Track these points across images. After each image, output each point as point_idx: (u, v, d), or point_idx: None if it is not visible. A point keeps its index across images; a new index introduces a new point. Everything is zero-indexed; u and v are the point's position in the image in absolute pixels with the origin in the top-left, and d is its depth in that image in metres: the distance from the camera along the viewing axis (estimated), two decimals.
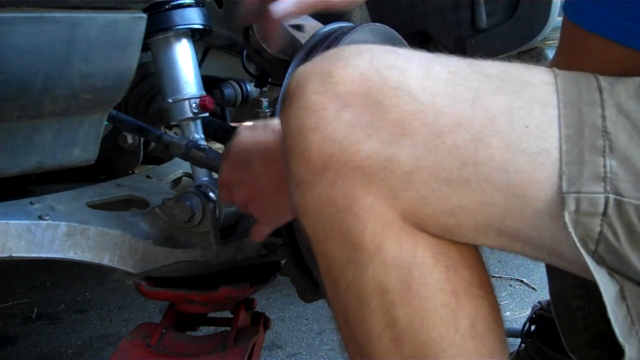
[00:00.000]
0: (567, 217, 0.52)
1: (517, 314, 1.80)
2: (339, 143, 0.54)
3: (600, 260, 0.55)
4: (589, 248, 0.54)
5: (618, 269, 0.55)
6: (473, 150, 0.53)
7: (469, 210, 0.55)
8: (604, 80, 0.55)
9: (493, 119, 0.53)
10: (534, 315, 1.36)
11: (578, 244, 0.53)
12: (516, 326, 1.46)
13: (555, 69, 0.57)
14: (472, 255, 0.59)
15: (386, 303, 0.56)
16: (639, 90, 0.53)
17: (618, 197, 0.52)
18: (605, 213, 0.52)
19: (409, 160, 0.54)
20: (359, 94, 0.54)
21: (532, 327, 1.36)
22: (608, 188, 0.52)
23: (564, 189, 0.52)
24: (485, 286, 0.59)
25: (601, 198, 0.52)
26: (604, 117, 0.52)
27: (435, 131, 0.53)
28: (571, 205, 0.52)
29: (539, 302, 1.38)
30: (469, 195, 0.54)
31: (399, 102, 0.54)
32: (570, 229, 0.52)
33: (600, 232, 0.53)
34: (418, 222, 0.56)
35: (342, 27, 1.07)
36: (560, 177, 0.52)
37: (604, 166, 0.52)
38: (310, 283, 1.05)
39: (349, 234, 0.56)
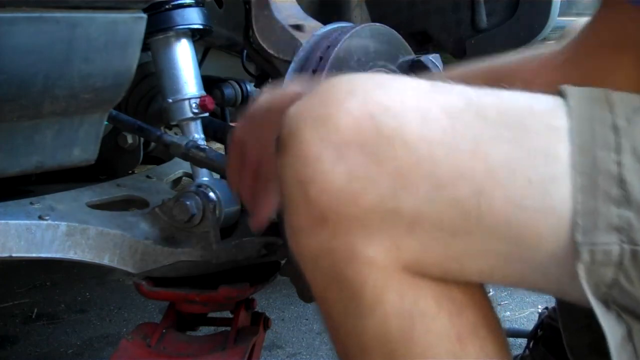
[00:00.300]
0: (580, 268, 0.51)
1: (517, 314, 1.80)
2: (337, 197, 0.53)
3: (611, 300, 0.54)
4: (601, 291, 0.53)
5: (629, 308, 0.54)
6: (475, 204, 0.52)
7: (472, 257, 0.54)
8: (620, 115, 0.53)
9: (493, 171, 0.52)
10: (541, 322, 1.36)
11: (589, 293, 0.52)
12: (516, 326, 1.46)
13: (567, 95, 0.55)
14: (476, 293, 0.58)
15: (388, 353, 0.55)
16: None
17: (634, 247, 0.51)
18: (620, 262, 0.51)
19: (410, 212, 0.52)
20: (354, 145, 0.52)
21: (539, 333, 1.36)
22: (623, 238, 0.51)
23: (579, 240, 0.51)
24: (491, 324, 0.58)
25: (616, 249, 0.51)
26: (619, 164, 0.51)
27: (435, 184, 0.52)
28: (585, 256, 0.51)
29: (546, 308, 1.38)
30: (472, 243, 0.53)
31: (395, 155, 0.52)
32: (583, 280, 0.52)
33: (614, 279, 0.52)
34: (421, 269, 0.55)
35: (342, 27, 1.07)
36: (572, 227, 0.51)
37: (619, 217, 0.50)
38: None
39: (349, 286, 0.55)
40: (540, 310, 1.52)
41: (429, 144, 0.52)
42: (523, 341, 1.39)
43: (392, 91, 0.54)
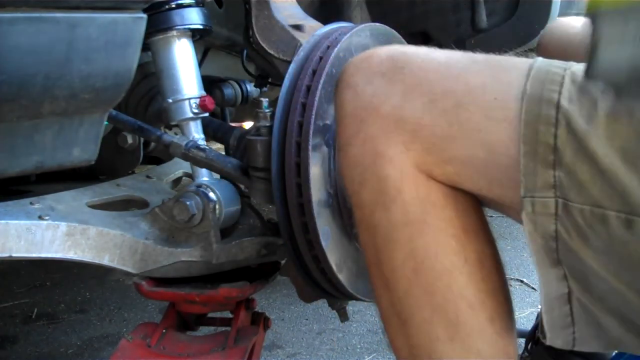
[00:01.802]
0: (524, 216, 0.64)
1: (517, 314, 1.80)
2: (366, 109, 0.71)
3: (562, 260, 0.64)
4: (550, 246, 0.64)
5: (576, 274, 0.64)
6: (456, 113, 0.67)
7: (461, 161, 0.68)
8: (565, 95, 0.63)
9: (471, 90, 0.67)
10: (539, 323, 1.36)
11: (528, 239, 0.65)
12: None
13: (532, 67, 0.66)
14: (475, 206, 0.71)
15: (407, 235, 0.69)
16: (592, 110, 0.62)
17: (565, 201, 0.62)
18: (556, 213, 0.63)
19: (413, 119, 0.69)
20: (378, 73, 0.71)
21: (538, 334, 1.35)
22: (558, 193, 0.62)
23: (522, 194, 0.64)
24: (490, 235, 0.72)
25: (552, 201, 0.63)
26: (555, 136, 0.62)
27: (429, 98, 0.68)
28: (528, 207, 0.63)
29: None
30: (459, 148, 0.67)
31: (403, 78, 0.70)
32: (526, 228, 0.64)
33: (556, 230, 0.63)
34: (427, 170, 0.69)
35: (341, 27, 1.07)
36: (519, 184, 0.63)
37: (554, 177, 0.62)
38: (310, 283, 1.05)
39: (377, 181, 0.70)
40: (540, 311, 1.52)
41: (427, 71, 0.70)
42: (522, 341, 1.39)
43: (411, 46, 0.75)
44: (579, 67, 0.65)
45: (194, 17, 1.09)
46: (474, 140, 0.66)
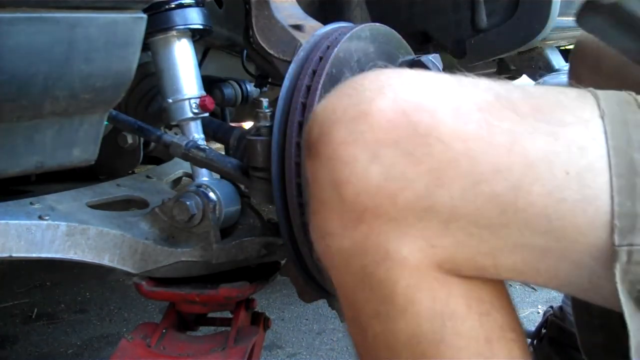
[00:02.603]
0: (617, 269, 0.51)
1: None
2: (373, 198, 0.52)
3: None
4: (635, 288, 0.53)
5: None
6: (513, 198, 0.51)
7: (507, 252, 0.54)
8: None
9: (532, 165, 0.51)
10: (545, 321, 1.36)
11: (621, 293, 0.52)
12: None
13: (598, 97, 0.55)
14: (502, 295, 0.58)
15: (418, 355, 0.55)
16: None
17: None
18: None
19: (446, 209, 0.52)
20: (389, 144, 0.52)
21: (543, 332, 1.36)
22: None
23: (616, 242, 0.51)
24: (517, 327, 0.58)
25: None
26: None
27: (473, 180, 0.51)
28: (623, 257, 0.51)
29: (551, 307, 1.38)
30: (508, 238, 0.53)
31: (431, 152, 0.51)
32: (618, 280, 0.52)
33: None
34: (454, 267, 0.55)
35: (342, 27, 1.07)
36: (610, 229, 0.51)
37: None
38: (310, 283, 1.05)
39: (380, 287, 0.55)
40: (540, 311, 1.53)
41: (465, 140, 0.52)
42: None
43: (422, 87, 0.54)
44: None
45: (194, 17, 1.09)
46: (535, 228, 0.52)
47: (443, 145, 0.51)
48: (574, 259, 0.53)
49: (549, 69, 1.85)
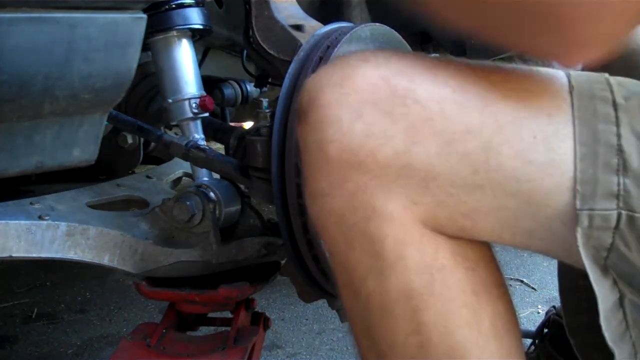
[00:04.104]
0: (579, 232, 0.54)
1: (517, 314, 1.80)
2: (356, 153, 0.55)
3: (610, 265, 0.56)
4: (600, 255, 0.55)
5: (625, 276, 0.57)
6: (484, 158, 0.54)
7: (484, 213, 0.56)
8: (618, 95, 0.56)
9: (501, 127, 0.55)
10: (548, 320, 1.36)
11: (584, 257, 0.55)
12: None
13: (570, 75, 0.58)
14: (487, 254, 0.60)
15: (410, 309, 0.57)
16: None
17: (630, 213, 0.54)
18: (617, 227, 0.54)
19: (423, 167, 0.55)
20: (370, 104, 0.55)
21: (545, 331, 1.36)
22: (621, 204, 0.54)
23: (578, 206, 0.54)
24: (501, 285, 0.61)
25: (614, 214, 0.54)
26: (619, 136, 0.54)
27: (447, 139, 0.55)
28: (584, 221, 0.54)
29: (554, 307, 1.38)
30: (483, 199, 0.56)
31: (408, 111, 0.55)
32: (580, 243, 0.54)
33: (612, 243, 0.55)
34: (437, 226, 0.57)
35: (341, 27, 1.07)
36: (574, 194, 0.54)
37: (618, 184, 0.53)
38: (310, 283, 1.05)
39: (370, 243, 0.57)
40: (540, 311, 1.52)
41: (439, 102, 0.55)
42: (525, 341, 1.39)
43: (402, 59, 0.58)
44: (617, 80, 0.58)
45: (194, 17, 1.09)
46: (506, 189, 0.55)
47: (419, 105, 0.55)
48: (546, 222, 0.55)
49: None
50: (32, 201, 0.97)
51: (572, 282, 0.83)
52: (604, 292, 0.57)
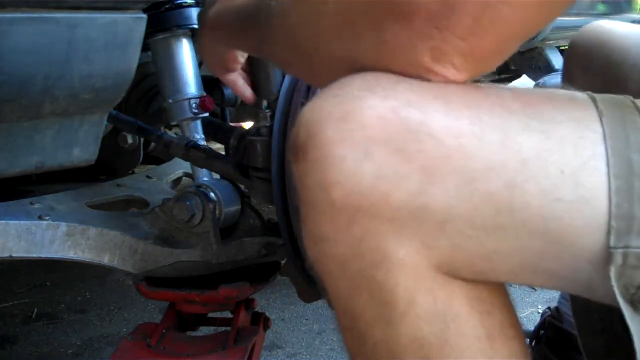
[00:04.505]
0: (612, 271, 0.51)
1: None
2: (366, 197, 0.50)
3: (637, 301, 0.53)
4: (629, 292, 0.52)
5: None
6: (508, 197, 0.50)
7: (504, 255, 0.53)
8: None
9: (525, 162, 0.50)
10: (543, 322, 1.36)
11: (618, 295, 0.52)
12: None
13: (595, 99, 0.55)
14: (502, 294, 0.57)
15: (421, 357, 0.53)
16: None
17: None
18: None
19: (441, 208, 0.50)
20: (380, 141, 0.50)
21: (541, 332, 1.36)
22: None
23: (612, 243, 0.50)
24: (516, 325, 0.58)
25: None
26: None
27: (467, 177, 0.50)
28: (618, 260, 0.50)
29: (549, 308, 1.38)
30: (505, 240, 0.52)
31: (422, 148, 0.50)
32: (614, 282, 0.51)
33: None
34: (452, 270, 0.53)
35: None
36: (608, 231, 0.50)
37: None
38: (310, 283, 1.05)
39: (379, 291, 0.53)
40: (540, 311, 1.52)
41: (456, 136, 0.50)
42: None
43: (410, 86, 0.53)
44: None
45: (194, 17, 1.09)
46: (531, 229, 0.51)
47: (434, 141, 0.50)
48: (571, 261, 0.52)
49: (549, 69, 1.85)
50: (32, 201, 0.97)
51: (585, 303, 0.82)
52: (638, 329, 0.52)
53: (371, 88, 0.52)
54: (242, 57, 0.90)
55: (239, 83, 0.96)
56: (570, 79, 1.02)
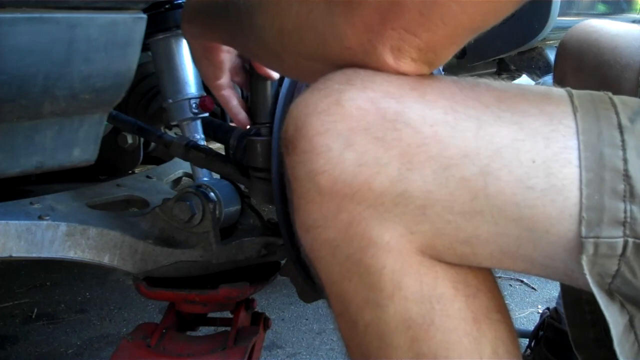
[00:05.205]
0: (584, 260, 0.53)
1: (517, 314, 1.80)
2: (350, 184, 0.53)
3: (615, 289, 0.55)
4: (605, 281, 0.54)
5: (630, 299, 0.56)
6: (483, 184, 0.53)
7: (484, 240, 0.55)
8: (623, 116, 0.54)
9: (498, 151, 0.53)
10: (542, 323, 1.36)
11: (591, 284, 0.54)
12: (516, 326, 1.46)
13: (572, 94, 0.56)
14: (487, 279, 0.59)
15: (409, 339, 0.56)
16: None
17: (637, 241, 0.52)
18: (623, 254, 0.53)
19: (420, 194, 0.53)
20: (360, 131, 0.53)
21: (540, 333, 1.36)
22: (627, 232, 0.52)
23: (583, 233, 0.52)
24: (502, 310, 0.59)
25: (620, 242, 0.52)
26: (625, 160, 0.52)
27: (442, 164, 0.53)
28: (589, 249, 0.52)
29: (547, 309, 1.38)
30: (483, 225, 0.54)
31: (400, 136, 0.53)
32: (586, 271, 0.53)
33: (617, 270, 0.53)
34: (435, 254, 0.56)
35: None
36: (578, 221, 0.52)
37: (624, 211, 0.52)
38: (310, 283, 1.05)
39: (367, 274, 0.55)
40: (540, 311, 1.52)
41: (432, 124, 0.53)
42: (523, 341, 1.39)
43: (388, 78, 0.56)
44: (621, 99, 0.56)
45: None
46: (507, 215, 0.53)
47: (411, 129, 0.53)
48: (548, 249, 0.54)
49: (549, 69, 1.85)
50: (32, 201, 0.97)
51: (576, 296, 0.83)
52: (614, 317, 0.55)
53: (351, 81, 0.55)
54: (228, 52, 0.88)
55: (232, 102, 0.92)
56: (562, 79, 1.03)
